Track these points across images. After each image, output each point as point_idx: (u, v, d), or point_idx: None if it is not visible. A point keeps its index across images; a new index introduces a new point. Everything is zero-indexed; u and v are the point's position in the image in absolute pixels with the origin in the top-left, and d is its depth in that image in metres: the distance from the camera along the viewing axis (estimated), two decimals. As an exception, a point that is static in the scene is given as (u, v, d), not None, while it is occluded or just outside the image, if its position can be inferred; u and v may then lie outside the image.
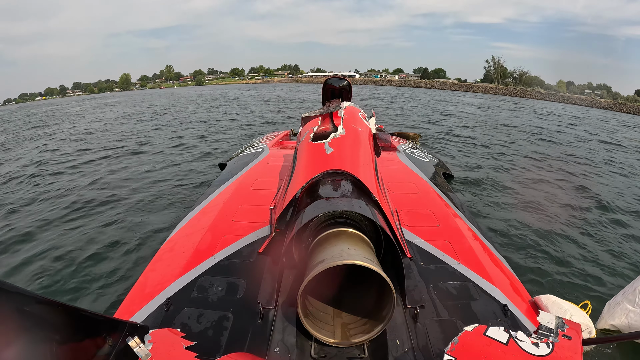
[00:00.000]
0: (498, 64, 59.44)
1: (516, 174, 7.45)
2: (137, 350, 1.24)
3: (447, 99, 31.35)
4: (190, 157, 8.45)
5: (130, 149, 9.57)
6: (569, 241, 4.32)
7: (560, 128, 15.53)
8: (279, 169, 3.65)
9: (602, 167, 8.70)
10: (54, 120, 19.63)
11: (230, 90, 37.63)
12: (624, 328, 2.37)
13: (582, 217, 5.15)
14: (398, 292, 1.70)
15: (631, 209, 5.69)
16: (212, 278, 1.89)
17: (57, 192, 6.29)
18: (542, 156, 9.23)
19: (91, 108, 27.08)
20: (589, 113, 27.61)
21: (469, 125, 14.51)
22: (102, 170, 7.58)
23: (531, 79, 54.71)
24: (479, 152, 9.43)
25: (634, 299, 2.33)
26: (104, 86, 75.20)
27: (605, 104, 39.11)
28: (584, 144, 11.90)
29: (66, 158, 9.01)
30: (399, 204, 2.76)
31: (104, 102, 34.16)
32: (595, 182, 7.18)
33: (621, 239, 4.54)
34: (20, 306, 0.86)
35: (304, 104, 22.19)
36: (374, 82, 63.00)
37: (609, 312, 2.43)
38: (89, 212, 5.16)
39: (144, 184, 6.44)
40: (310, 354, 1.52)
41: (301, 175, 2.31)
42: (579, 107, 34.18)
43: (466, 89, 51.05)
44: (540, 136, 12.62)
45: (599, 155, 10.17)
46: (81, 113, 23.12)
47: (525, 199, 5.74)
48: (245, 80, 73.85)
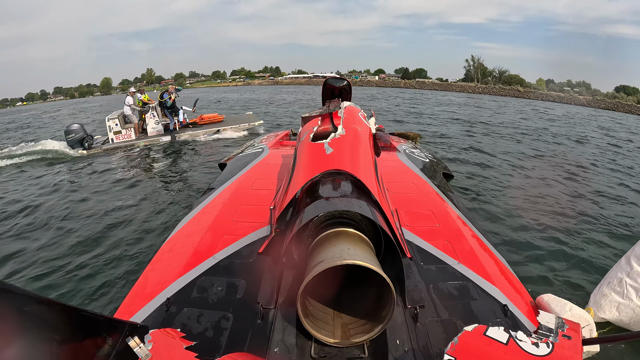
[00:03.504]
0: (478, 63, 59.41)
1: (513, 172, 7.48)
2: (137, 350, 1.24)
3: (417, 97, 32.29)
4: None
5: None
6: (569, 241, 4.33)
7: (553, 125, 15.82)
8: (279, 169, 3.65)
9: (601, 166, 8.72)
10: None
11: (209, 94, 37.24)
12: (615, 321, 2.39)
13: (583, 217, 5.15)
14: (398, 292, 1.70)
15: (633, 209, 5.70)
16: (212, 278, 1.89)
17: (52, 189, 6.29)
18: (537, 154, 9.30)
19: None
20: (562, 109, 27.61)
21: (433, 122, 14.95)
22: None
23: (511, 77, 54.93)
24: (452, 150, 9.52)
25: (622, 291, 2.34)
26: (85, 90, 73.59)
27: (584, 101, 39.86)
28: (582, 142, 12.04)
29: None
30: (399, 204, 2.76)
31: (80, 107, 32.89)
32: (595, 180, 7.20)
33: (622, 237, 4.55)
34: (20, 306, 0.86)
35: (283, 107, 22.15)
36: (353, 83, 61.73)
37: (596, 305, 2.43)
38: (88, 213, 5.16)
39: (143, 185, 6.44)
40: (310, 354, 1.51)
41: (301, 175, 2.31)
42: (557, 104, 34.59)
43: (446, 88, 52.39)
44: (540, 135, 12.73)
45: (599, 154, 10.21)
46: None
47: (524, 198, 5.74)
48: (226, 83, 73.11)
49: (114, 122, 10.12)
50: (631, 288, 2.31)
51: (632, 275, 2.31)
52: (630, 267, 2.35)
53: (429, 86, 54.56)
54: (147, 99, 10.59)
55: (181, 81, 75.10)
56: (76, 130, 9.83)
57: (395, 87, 54.98)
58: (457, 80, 59.79)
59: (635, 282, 2.30)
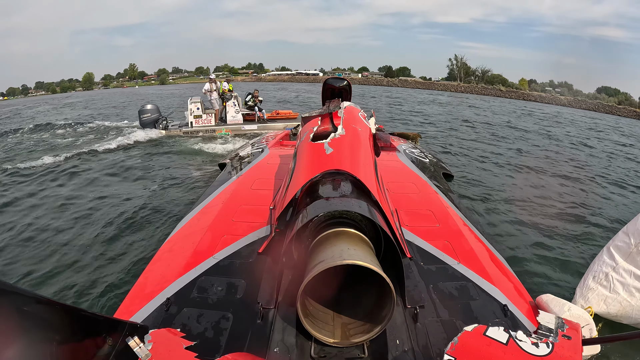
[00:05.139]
0: (461, 63, 59.49)
1: (510, 171, 7.49)
2: (137, 350, 1.24)
3: (395, 94, 32.36)
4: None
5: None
6: (570, 240, 4.32)
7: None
8: (279, 169, 3.65)
9: (597, 164, 8.73)
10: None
11: (193, 90, 36.99)
12: (603, 314, 2.43)
13: (582, 215, 5.15)
14: (398, 292, 1.70)
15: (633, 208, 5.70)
16: (211, 278, 1.89)
17: (52, 190, 6.29)
18: (534, 153, 9.32)
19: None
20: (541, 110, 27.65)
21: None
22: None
23: (494, 77, 55.23)
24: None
25: (609, 285, 2.39)
26: (67, 85, 72.19)
27: (565, 101, 40.42)
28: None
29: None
30: (399, 204, 2.76)
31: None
32: (594, 178, 7.21)
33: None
34: (20, 306, 0.86)
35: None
36: (336, 81, 62.33)
37: (583, 298, 2.47)
38: (88, 213, 5.16)
39: (140, 188, 6.44)
40: (310, 354, 1.51)
41: (301, 175, 2.31)
42: (538, 104, 34.81)
43: (428, 86, 53.26)
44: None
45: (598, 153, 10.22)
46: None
47: (523, 197, 5.74)
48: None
49: (195, 106, 10.26)
50: (618, 282, 2.38)
51: (618, 270, 2.38)
52: (615, 262, 2.40)
53: (412, 84, 55.17)
54: (230, 88, 10.96)
55: (164, 77, 74.57)
56: (151, 110, 9.98)
57: (377, 84, 55.28)
58: (440, 79, 60.01)
59: (621, 276, 2.37)
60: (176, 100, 22.47)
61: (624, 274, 2.35)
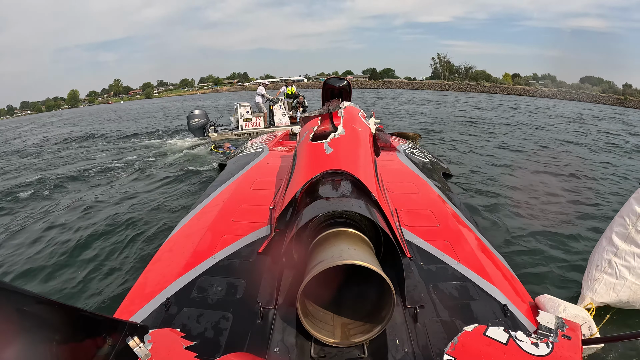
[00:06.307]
0: (444, 61, 59.16)
1: (505, 170, 7.47)
2: (137, 350, 1.24)
3: (379, 94, 32.42)
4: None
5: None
6: (569, 239, 4.32)
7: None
8: (279, 169, 3.65)
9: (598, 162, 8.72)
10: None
11: (178, 102, 35.99)
12: (614, 302, 2.36)
13: (582, 216, 5.15)
14: (398, 292, 1.70)
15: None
16: (211, 278, 1.89)
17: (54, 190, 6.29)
18: (533, 150, 9.31)
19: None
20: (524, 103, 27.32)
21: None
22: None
23: (478, 73, 55.02)
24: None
25: (614, 272, 2.32)
26: (52, 104, 70.95)
27: (549, 93, 40.27)
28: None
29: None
30: (398, 204, 2.76)
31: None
32: (594, 177, 7.20)
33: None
34: (20, 306, 0.86)
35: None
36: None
37: (591, 290, 2.39)
38: (88, 212, 5.16)
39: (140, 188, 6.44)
40: (310, 354, 1.51)
41: (301, 175, 2.31)
42: (522, 98, 34.76)
43: (413, 86, 52.97)
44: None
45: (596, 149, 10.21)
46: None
47: (523, 197, 5.74)
48: (194, 91, 71.70)
49: (245, 110, 10.60)
50: (622, 267, 2.29)
51: (620, 254, 2.30)
52: (615, 247, 2.32)
53: (397, 85, 54.93)
54: (294, 91, 11.95)
55: (149, 91, 73.91)
56: (199, 115, 10.15)
57: (362, 87, 55.01)
58: (424, 79, 59.67)
59: (624, 260, 2.29)
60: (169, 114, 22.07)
61: (627, 257, 2.27)
